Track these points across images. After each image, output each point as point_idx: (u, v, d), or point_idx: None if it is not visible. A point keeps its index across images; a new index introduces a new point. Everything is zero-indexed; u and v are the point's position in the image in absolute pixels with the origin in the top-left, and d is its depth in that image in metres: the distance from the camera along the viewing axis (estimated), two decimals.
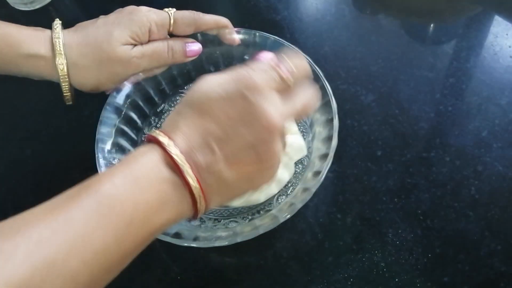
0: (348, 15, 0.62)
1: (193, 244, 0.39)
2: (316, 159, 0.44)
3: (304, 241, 0.45)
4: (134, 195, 0.28)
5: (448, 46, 0.57)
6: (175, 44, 0.45)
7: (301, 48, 0.47)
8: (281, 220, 0.39)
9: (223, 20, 0.47)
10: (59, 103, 0.46)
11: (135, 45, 0.43)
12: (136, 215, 0.28)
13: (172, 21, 0.45)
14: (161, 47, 0.44)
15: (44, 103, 0.58)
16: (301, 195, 0.41)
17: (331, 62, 0.56)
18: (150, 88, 0.51)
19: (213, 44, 0.50)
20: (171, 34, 0.46)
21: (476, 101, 0.52)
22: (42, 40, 0.42)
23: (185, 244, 0.39)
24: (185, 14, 0.45)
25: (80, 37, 0.43)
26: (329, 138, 0.43)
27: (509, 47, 0.56)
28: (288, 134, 0.44)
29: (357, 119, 0.52)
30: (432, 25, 0.61)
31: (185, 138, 0.30)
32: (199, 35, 0.49)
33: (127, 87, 0.48)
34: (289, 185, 0.46)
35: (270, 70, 0.33)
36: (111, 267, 0.28)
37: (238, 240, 0.39)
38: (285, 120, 0.33)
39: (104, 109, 0.46)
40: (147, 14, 0.44)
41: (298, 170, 0.47)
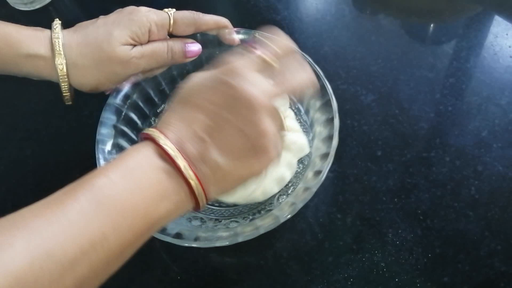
0: (348, 15, 0.62)
1: (194, 244, 0.39)
2: (317, 159, 0.44)
3: (304, 241, 0.45)
4: (129, 185, 0.29)
5: (448, 46, 0.57)
6: (175, 45, 0.45)
7: (301, 48, 0.46)
8: (282, 220, 0.39)
9: (223, 20, 0.47)
10: (59, 103, 0.46)
11: (135, 46, 0.43)
12: (133, 205, 0.29)
13: (172, 22, 0.45)
14: (161, 48, 0.44)
15: (44, 103, 0.58)
16: (302, 195, 0.41)
17: (331, 62, 0.56)
18: (150, 89, 0.51)
19: (213, 45, 0.50)
20: (171, 35, 0.46)
21: (476, 101, 0.52)
22: (42, 40, 0.42)
23: (186, 244, 0.39)
24: (185, 15, 0.45)
25: (80, 37, 0.43)
26: (330, 138, 0.43)
27: (509, 47, 0.56)
28: (291, 132, 0.45)
29: (357, 119, 0.52)
30: (432, 25, 0.61)
31: (176, 131, 0.32)
32: (199, 36, 0.49)
33: (127, 88, 0.48)
34: (290, 185, 0.46)
35: (249, 54, 0.34)
36: (110, 259, 0.28)
37: (239, 240, 0.39)
38: (273, 99, 0.33)
39: (104, 110, 0.46)
40: (147, 15, 0.44)
41: (299, 170, 0.47)
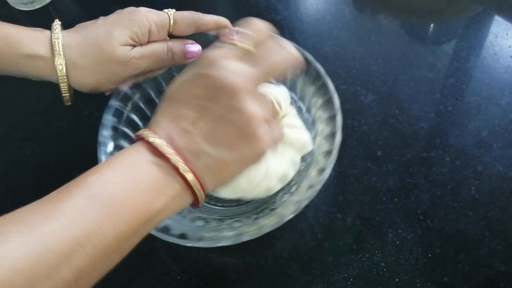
0: (348, 15, 0.62)
1: (198, 245, 0.39)
2: (320, 156, 0.44)
3: (304, 241, 0.45)
4: (122, 180, 0.30)
5: (448, 46, 0.57)
6: (175, 46, 0.45)
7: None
8: (286, 219, 0.39)
9: (223, 20, 0.47)
10: (59, 103, 0.46)
11: (135, 46, 0.43)
12: (127, 198, 0.29)
13: (172, 22, 0.45)
14: (161, 48, 0.44)
15: (44, 103, 0.58)
16: (306, 193, 0.41)
17: (331, 62, 0.56)
18: (151, 90, 0.51)
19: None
20: (171, 35, 0.46)
21: (476, 101, 0.52)
22: (42, 41, 0.42)
23: (190, 245, 0.39)
24: (185, 15, 0.45)
25: (80, 38, 0.43)
26: (332, 135, 0.42)
27: (509, 47, 0.56)
28: (294, 129, 0.45)
29: (357, 119, 0.52)
30: (432, 25, 0.61)
31: (164, 128, 0.32)
32: (199, 36, 0.49)
33: (128, 89, 0.48)
34: (292, 183, 0.45)
35: (224, 43, 0.35)
36: (108, 252, 0.28)
37: (244, 240, 0.38)
38: (255, 82, 0.34)
39: (105, 111, 0.46)
40: (147, 15, 0.44)
41: (301, 168, 0.46)
